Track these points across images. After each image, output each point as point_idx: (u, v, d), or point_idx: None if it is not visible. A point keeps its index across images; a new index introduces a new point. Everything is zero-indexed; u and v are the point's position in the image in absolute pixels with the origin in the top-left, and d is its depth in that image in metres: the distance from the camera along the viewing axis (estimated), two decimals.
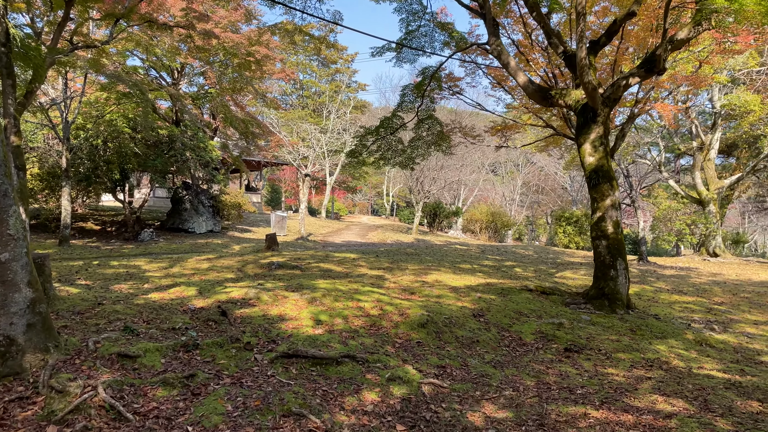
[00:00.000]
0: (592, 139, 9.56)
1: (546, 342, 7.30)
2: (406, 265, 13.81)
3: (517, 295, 9.53)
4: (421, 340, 6.61)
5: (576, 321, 8.20)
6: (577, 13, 8.78)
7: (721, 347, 8.05)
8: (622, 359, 6.76)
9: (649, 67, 9.29)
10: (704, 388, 5.58)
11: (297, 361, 5.39)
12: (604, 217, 9.33)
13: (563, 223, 30.03)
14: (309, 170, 27.32)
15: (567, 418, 4.71)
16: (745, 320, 10.62)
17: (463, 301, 8.78)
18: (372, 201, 74.14)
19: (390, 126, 13.98)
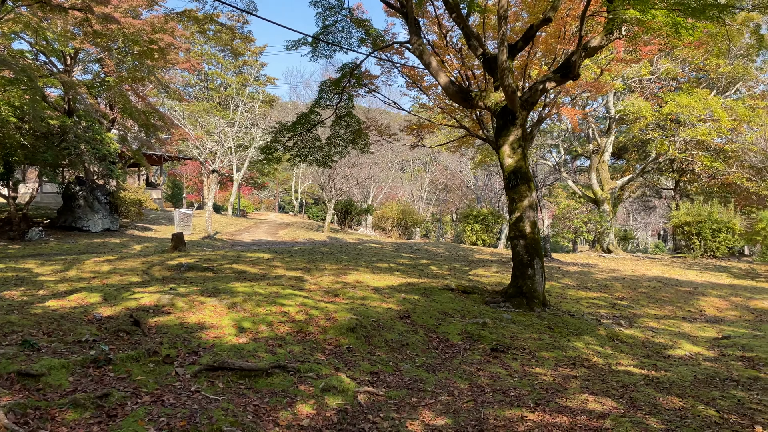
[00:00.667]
0: (511, 141, 9.76)
1: (473, 342, 7.33)
2: (323, 264, 13.53)
3: (440, 295, 9.55)
4: (351, 346, 6.40)
5: (498, 320, 8.32)
6: (499, 16, 8.90)
7: (631, 342, 8.47)
8: (546, 358, 6.91)
9: (564, 72, 9.60)
10: (627, 385, 5.78)
11: (223, 373, 5.01)
12: (522, 217, 9.55)
13: (471, 221, 30.86)
14: (216, 166, 26.23)
15: (505, 422, 4.69)
16: (647, 315, 11.31)
17: (388, 302, 8.66)
18: (279, 198, 72.83)
19: (307, 122, 13.63)
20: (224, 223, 33.07)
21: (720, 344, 8.85)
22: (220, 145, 27.16)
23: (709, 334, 9.64)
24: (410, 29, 10.60)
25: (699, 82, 29.77)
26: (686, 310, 12.27)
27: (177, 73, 40.12)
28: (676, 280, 16.19)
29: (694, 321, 11.09)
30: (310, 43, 14.60)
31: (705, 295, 13.79)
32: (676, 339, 8.97)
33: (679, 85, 29.76)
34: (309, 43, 14.61)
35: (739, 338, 9.29)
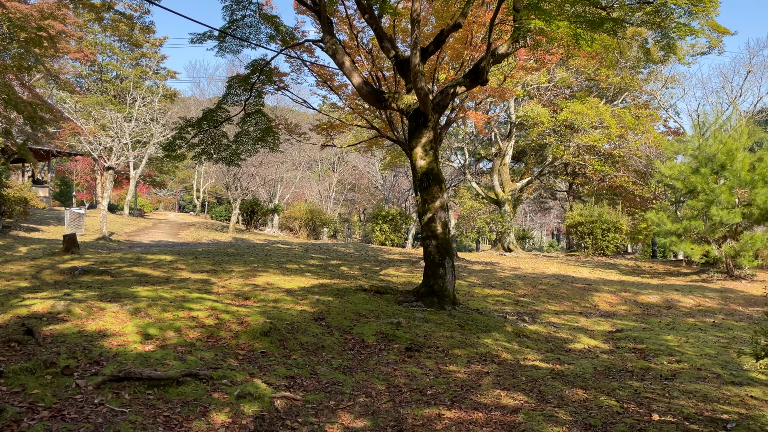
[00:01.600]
0: (423, 143, 9.92)
1: (388, 342, 7.37)
2: (231, 266, 13.10)
3: (354, 296, 9.53)
4: (266, 350, 6.23)
5: (412, 319, 8.42)
6: (412, 20, 9.02)
7: (535, 337, 8.86)
8: (459, 355, 7.08)
9: (474, 77, 9.90)
10: (536, 380, 6.04)
11: (129, 384, 4.69)
12: (434, 218, 9.74)
13: (380, 221, 31.12)
14: (113, 162, 24.72)
15: (423, 421, 4.74)
16: (548, 311, 11.90)
17: (301, 304, 8.52)
18: (179, 197, 69.92)
19: (214, 118, 13.14)
20: (120, 223, 31.23)
21: (614, 337, 9.47)
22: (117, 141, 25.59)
23: (604, 328, 10.30)
24: (323, 28, 10.50)
25: (590, 91, 31.79)
26: (582, 306, 13.05)
27: (68, 63, 37.44)
28: (572, 278, 17.19)
29: (590, 316, 11.80)
30: (216, 37, 14.09)
31: (598, 291, 14.73)
32: (575, 333, 9.50)
33: (573, 94, 31.63)
34: (216, 37, 14.10)
35: (631, 331, 10.00)
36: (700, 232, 17.52)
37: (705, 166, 17.24)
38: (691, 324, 11.44)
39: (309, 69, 18.01)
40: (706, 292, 15.63)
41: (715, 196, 16.61)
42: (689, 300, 14.31)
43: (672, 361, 7.77)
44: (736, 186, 16.74)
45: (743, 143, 16.94)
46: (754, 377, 7.07)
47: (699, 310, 13.29)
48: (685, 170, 17.70)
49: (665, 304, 13.79)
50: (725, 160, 16.76)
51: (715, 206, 16.61)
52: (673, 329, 10.63)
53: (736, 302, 14.55)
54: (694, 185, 17.25)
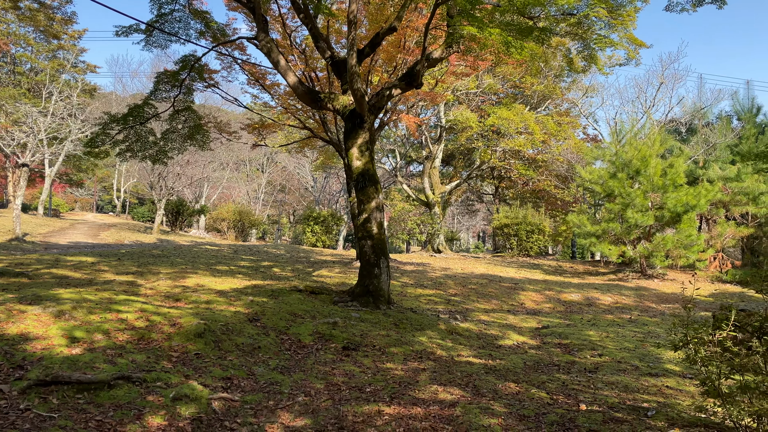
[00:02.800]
0: (359, 144, 9.99)
1: (324, 342, 7.37)
2: (157, 268, 12.68)
3: (289, 296, 9.46)
4: (200, 352, 6.09)
5: (348, 319, 8.46)
6: (349, 21, 9.07)
7: (467, 335, 9.11)
8: (395, 353, 7.18)
9: (409, 80, 10.07)
10: (470, 375, 6.22)
11: (57, 388, 4.48)
12: (369, 218, 9.82)
13: (311, 223, 30.96)
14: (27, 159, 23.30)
15: (363, 418, 4.79)
16: (478, 309, 12.24)
17: (235, 305, 8.37)
18: (98, 197, 66.75)
19: (141, 115, 12.69)
20: (34, 223, 29.45)
21: (541, 333, 9.89)
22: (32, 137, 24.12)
23: (531, 325, 10.72)
24: (258, 26, 10.37)
25: (516, 97, 32.93)
26: (510, 304, 13.51)
27: None
28: (500, 277, 17.75)
29: (517, 313, 12.25)
30: (144, 31, 13.63)
31: (524, 290, 15.30)
32: (505, 330, 9.84)
33: (499, 100, 32.67)
34: (143, 31, 13.63)
35: (556, 327, 10.46)
36: (617, 234, 18.55)
37: (622, 171, 18.29)
38: (610, 320, 12.10)
39: (240, 67, 17.71)
40: (622, 290, 16.56)
41: (631, 199, 17.65)
42: (608, 298, 15.12)
43: (594, 355, 8.19)
44: (649, 190, 17.85)
45: (656, 150, 18.09)
46: (668, 368, 7.58)
47: (617, 307, 14.07)
48: (603, 175, 18.71)
49: (586, 301, 14.51)
50: (640, 166, 17.84)
51: (631, 209, 17.65)
52: (594, 325, 11.20)
53: (650, 300, 15.51)
54: (611, 189, 18.25)
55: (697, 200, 17.26)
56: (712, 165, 20.04)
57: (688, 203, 17.32)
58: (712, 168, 19.82)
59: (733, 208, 19.66)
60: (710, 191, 17.49)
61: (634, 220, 17.60)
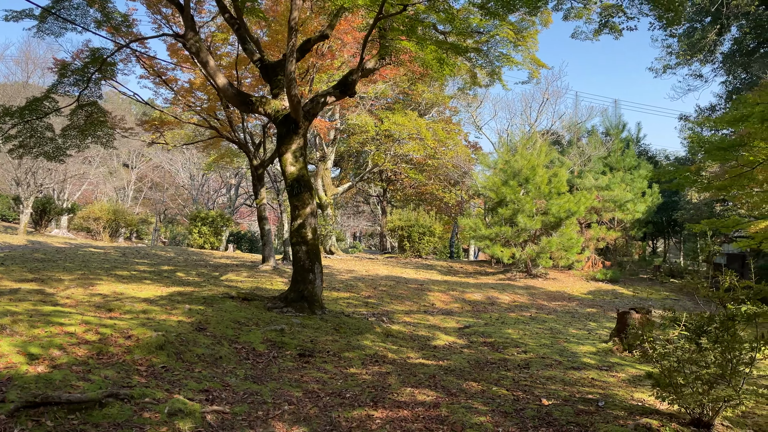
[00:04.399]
0: (293, 149, 10.01)
1: (278, 349, 7.39)
2: (53, 274, 11.76)
3: (223, 304, 9.26)
4: (166, 365, 5.89)
5: (291, 325, 8.49)
6: (291, 28, 9.08)
7: (401, 336, 9.52)
8: (351, 358, 7.39)
9: (343, 89, 10.27)
10: (433, 376, 6.61)
11: (47, 410, 4.19)
12: (304, 224, 9.88)
13: (198, 223, 29.78)
14: None
15: (356, 423, 4.98)
16: (397, 311, 12.70)
17: (174, 314, 8.08)
18: None
19: (38, 109, 11.67)
20: None
21: (464, 333, 10.54)
22: None
23: (451, 325, 11.37)
24: (186, 24, 10.01)
25: (406, 104, 34.06)
26: (422, 305, 14.15)
27: None
28: (404, 279, 18.42)
29: (433, 314, 12.88)
30: (37, 17, 12.54)
31: (431, 291, 16.05)
32: (432, 331, 10.37)
33: (389, 105, 33.61)
34: (36, 16, 12.54)
35: (475, 327, 11.20)
36: (507, 237, 20.00)
37: (513, 179, 19.76)
38: (515, 318, 13.13)
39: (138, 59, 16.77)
40: (515, 289, 17.92)
41: (522, 205, 19.14)
42: (506, 297, 16.31)
43: (520, 352, 8.95)
44: (537, 197, 19.47)
45: (543, 160, 19.77)
46: (586, 362, 8.50)
47: (516, 306, 15.25)
48: (497, 182, 20.09)
49: (488, 300, 15.56)
50: (529, 175, 19.40)
51: (521, 214, 19.14)
52: (503, 323, 12.12)
53: (541, 298, 16.96)
54: (504, 195, 19.65)
55: (577, 207, 19.13)
56: (587, 175, 22.27)
57: (570, 209, 19.14)
58: (587, 178, 22.03)
59: (604, 214, 21.99)
60: (588, 199, 19.46)
61: (524, 225, 19.11)
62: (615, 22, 11.48)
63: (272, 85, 10.58)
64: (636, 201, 22.03)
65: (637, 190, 22.32)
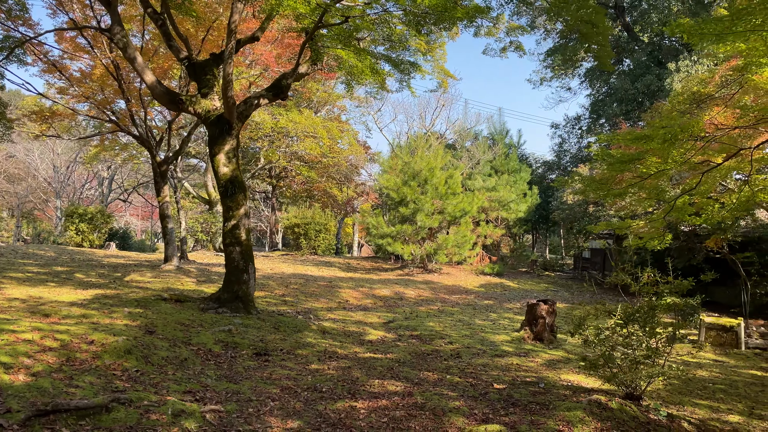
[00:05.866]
0: (226, 150, 10.03)
1: (234, 349, 7.54)
2: None
3: (159, 306, 9.11)
4: (139, 368, 5.90)
5: (235, 326, 8.61)
6: (230, 31, 9.14)
7: (336, 333, 9.95)
8: (306, 354, 7.73)
9: (276, 92, 10.47)
10: (390, 368, 7.16)
11: (57, 417, 4.20)
12: (238, 225, 9.96)
13: (76, 220, 27.75)
14: None
15: (344, 413, 5.41)
16: (317, 308, 13.06)
17: (116, 318, 7.88)
18: None
19: None
20: None
21: (390, 327, 11.19)
22: None
23: (375, 320, 11.96)
24: (113, 18, 9.68)
25: (299, 101, 34.10)
26: (337, 302, 14.60)
27: None
28: (312, 276, 18.72)
29: (352, 310, 13.41)
30: None
31: (341, 288, 16.54)
32: (361, 326, 10.89)
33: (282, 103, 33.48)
34: None
35: (397, 321, 11.88)
36: (407, 235, 21.00)
37: (413, 179, 20.78)
38: (426, 312, 14.02)
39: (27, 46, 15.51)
40: (417, 284, 18.93)
41: (421, 205, 20.21)
42: (411, 292, 17.23)
43: (446, 343, 9.76)
44: (435, 197, 20.64)
45: (440, 163, 21.00)
46: (505, 350, 9.49)
47: (422, 300, 16.20)
48: (398, 182, 21.00)
49: (396, 296, 16.36)
50: (428, 176, 20.53)
51: (421, 213, 20.21)
52: (419, 317, 12.93)
53: (441, 292, 18.10)
54: (405, 195, 20.62)
55: (471, 206, 20.57)
56: (476, 177, 23.94)
57: (464, 209, 20.54)
58: (476, 179, 23.68)
59: (491, 213, 23.77)
60: (480, 199, 20.99)
61: (423, 223, 20.20)
62: (520, 42, 12.71)
63: (200, 84, 10.49)
64: (518, 201, 24.09)
65: (519, 191, 24.40)
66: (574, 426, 4.88)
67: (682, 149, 8.07)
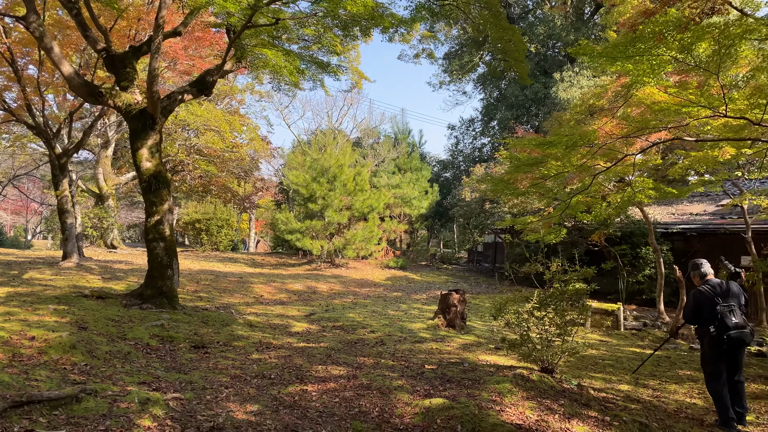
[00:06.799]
0: (149, 145, 9.94)
1: (171, 343, 7.64)
2: None
3: (82, 302, 8.91)
4: (88, 363, 5.93)
5: (165, 321, 8.66)
6: (157, 25, 9.10)
7: (263, 326, 10.23)
8: (243, 346, 7.99)
9: (200, 87, 10.51)
10: (328, 355, 7.63)
11: (32, 408, 4.30)
12: (162, 220, 9.92)
13: None
14: None
15: (298, 396, 5.83)
16: (236, 303, 13.18)
17: (43, 315, 7.67)
18: None
19: None
20: None
21: (312, 319, 11.60)
22: None
23: (296, 314, 12.31)
24: (28, 6, 9.26)
25: None
26: (252, 297, 14.75)
27: None
28: (220, 272, 18.59)
29: (269, 304, 13.63)
30: None
31: (253, 283, 16.64)
32: (284, 320, 11.22)
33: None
34: None
35: (318, 314, 12.31)
36: (316, 231, 21.37)
37: (322, 176, 21.17)
38: (341, 304, 14.56)
39: None
40: (327, 279, 19.39)
41: (331, 201, 20.67)
42: (323, 286, 17.66)
43: (369, 332, 10.35)
44: (344, 194, 21.17)
45: (348, 160, 21.55)
46: (423, 336, 10.24)
47: (335, 293, 16.70)
48: (308, 179, 21.28)
49: (309, 290, 16.74)
50: (337, 172, 21.01)
51: (331, 209, 20.66)
52: (335, 309, 13.44)
53: (351, 285, 18.69)
54: (314, 191, 20.96)
55: (378, 203, 21.34)
56: (382, 174, 24.77)
57: (372, 205, 21.27)
58: (381, 177, 24.49)
59: (395, 209, 24.70)
60: (386, 196, 21.81)
61: (332, 219, 20.67)
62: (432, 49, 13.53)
63: (119, 77, 10.29)
64: (420, 198, 25.23)
65: (421, 188, 25.55)
66: (505, 396, 5.64)
67: (579, 154, 9.22)
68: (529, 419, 5.19)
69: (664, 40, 7.07)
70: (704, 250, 17.28)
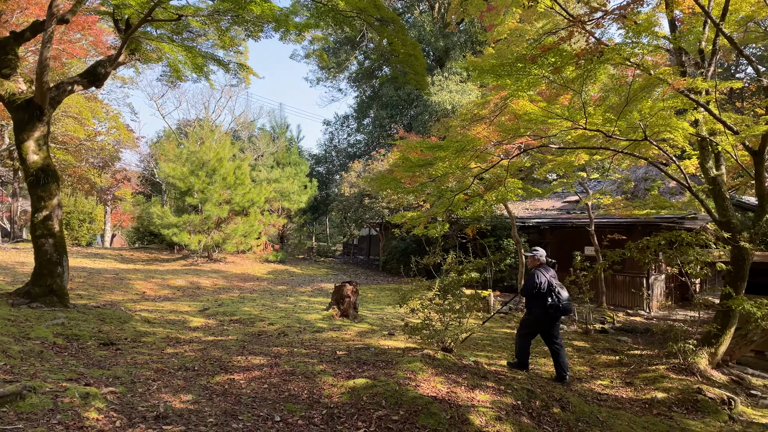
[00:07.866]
0: (36, 137, 9.45)
1: (77, 341, 7.51)
2: None
3: None
4: (6, 362, 5.79)
5: (65, 320, 8.41)
6: (50, 14, 8.70)
7: (161, 322, 10.20)
8: (153, 342, 8.04)
9: (91, 78, 10.15)
10: (243, 347, 7.95)
11: None
12: (51, 215, 9.49)
13: None
14: None
15: (227, 385, 6.17)
16: (119, 301, 12.79)
17: None
18: None
19: None
20: None
21: (208, 314, 11.67)
22: None
23: (188, 309, 12.26)
24: None
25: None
26: (134, 293, 14.34)
27: None
28: (91, 269, 17.63)
29: (155, 300, 13.38)
30: None
31: (131, 280, 16.09)
32: (179, 315, 11.19)
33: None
34: None
35: (212, 309, 12.37)
36: (194, 225, 20.93)
37: (201, 169, 20.75)
38: (229, 299, 14.66)
39: None
40: (208, 273, 19.14)
41: (210, 194, 20.35)
42: (206, 281, 17.49)
43: (268, 324, 10.74)
44: (224, 187, 20.93)
45: (227, 153, 21.32)
46: (320, 326, 10.85)
47: (219, 288, 16.64)
48: (185, 172, 20.72)
49: (192, 285, 16.53)
50: (216, 166, 20.72)
51: (210, 203, 20.35)
52: (225, 304, 13.55)
53: (234, 280, 18.67)
54: (192, 185, 20.49)
55: (259, 197, 21.38)
56: (261, 169, 24.72)
57: (252, 199, 21.27)
58: (261, 171, 24.46)
59: (275, 204, 24.81)
60: (267, 190, 21.90)
61: (211, 213, 20.38)
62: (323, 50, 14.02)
63: (1, 64, 9.65)
64: (300, 193, 25.55)
65: (300, 183, 25.87)
66: (417, 373, 6.43)
67: (465, 157, 10.31)
68: (441, 391, 6.02)
69: (537, 61, 8.26)
70: (555, 241, 19.60)
